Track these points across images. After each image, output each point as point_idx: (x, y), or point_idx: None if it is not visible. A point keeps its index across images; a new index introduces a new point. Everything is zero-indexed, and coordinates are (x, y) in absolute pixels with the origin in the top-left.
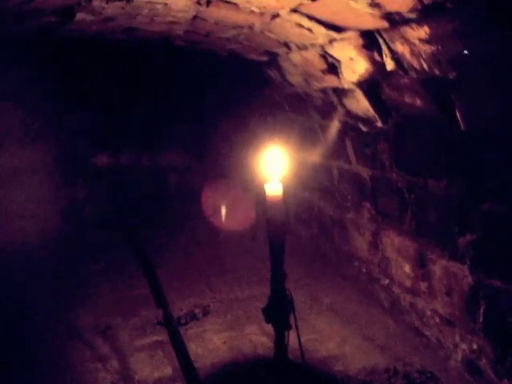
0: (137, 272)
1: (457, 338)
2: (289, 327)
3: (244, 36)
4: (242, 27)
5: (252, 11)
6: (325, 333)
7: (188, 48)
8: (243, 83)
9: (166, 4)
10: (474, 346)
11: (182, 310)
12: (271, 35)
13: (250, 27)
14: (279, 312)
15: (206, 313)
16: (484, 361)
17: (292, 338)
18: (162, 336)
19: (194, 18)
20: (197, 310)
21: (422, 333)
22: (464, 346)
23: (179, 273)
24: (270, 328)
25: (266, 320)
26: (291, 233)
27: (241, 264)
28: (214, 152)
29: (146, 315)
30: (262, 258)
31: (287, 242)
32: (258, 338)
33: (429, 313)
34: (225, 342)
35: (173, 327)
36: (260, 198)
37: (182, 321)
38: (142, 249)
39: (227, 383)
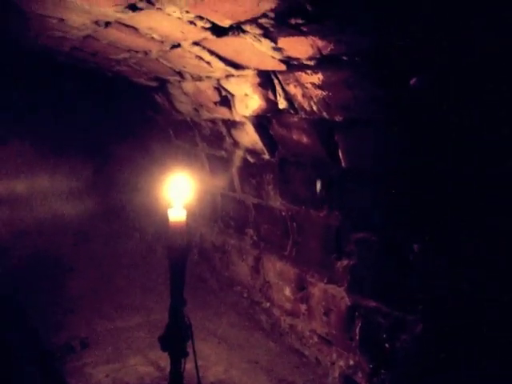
0: None
1: (334, 356)
2: (186, 354)
3: (136, 60)
4: (136, 52)
5: (152, 38)
6: (211, 358)
7: (70, 64)
8: (135, 105)
9: (62, 20)
10: (351, 362)
11: (56, 343)
12: (166, 63)
13: (146, 53)
14: (177, 339)
15: (84, 345)
16: (360, 375)
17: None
18: (36, 372)
19: (87, 36)
20: (74, 343)
21: (302, 353)
22: (341, 363)
23: (50, 305)
24: (155, 357)
25: (162, 348)
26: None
27: (119, 294)
28: (112, 178)
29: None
30: (143, 286)
31: (165, 270)
32: (143, 368)
33: (308, 333)
34: (107, 376)
35: (47, 361)
36: (161, 225)
37: (58, 354)
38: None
39: None
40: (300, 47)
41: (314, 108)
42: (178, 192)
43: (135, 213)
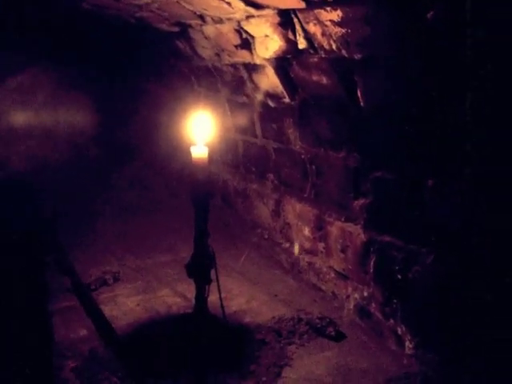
0: None
1: (349, 289)
2: (209, 281)
3: (158, 4)
4: None
5: None
6: (233, 291)
7: (94, 12)
8: (158, 53)
9: None
10: (365, 294)
11: (91, 277)
12: (188, 6)
13: None
14: (202, 266)
15: (116, 279)
16: (373, 305)
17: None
18: (72, 301)
19: None
20: (107, 276)
21: (319, 288)
22: (356, 295)
23: (84, 244)
24: (182, 290)
25: (188, 275)
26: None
27: (147, 236)
28: (141, 116)
29: (53, 282)
30: (169, 229)
31: (191, 214)
32: (171, 299)
33: (325, 269)
34: (138, 305)
35: (83, 292)
36: (184, 168)
37: (93, 287)
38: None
39: (145, 338)
40: None
41: (334, 46)
42: (200, 130)
43: (159, 156)
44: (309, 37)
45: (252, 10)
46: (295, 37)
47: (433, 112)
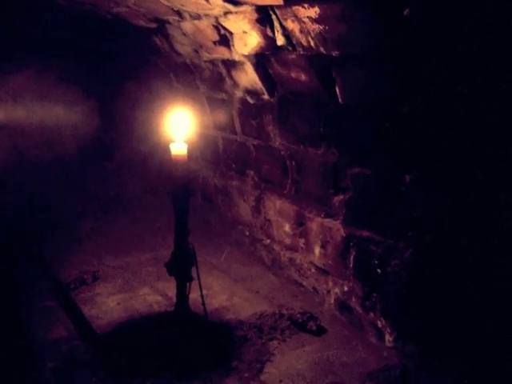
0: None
1: (330, 284)
2: (190, 279)
3: (134, 0)
4: None
5: None
6: (215, 289)
7: (68, 7)
8: (135, 49)
9: None
10: (345, 289)
11: (70, 276)
12: (165, 1)
13: None
14: (182, 264)
15: (95, 278)
16: (354, 300)
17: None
18: (51, 302)
19: None
20: (86, 276)
21: (300, 283)
22: (336, 290)
23: (62, 244)
24: (163, 288)
25: (168, 273)
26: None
27: (127, 235)
28: (118, 113)
29: (32, 282)
30: (148, 228)
31: (170, 213)
32: (152, 297)
33: (306, 265)
34: (119, 304)
35: (62, 292)
36: (162, 167)
37: (72, 286)
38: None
39: (126, 337)
40: None
41: (312, 43)
42: (179, 127)
43: (137, 153)
44: (287, 33)
45: (230, 6)
46: (273, 33)
47: (410, 108)
